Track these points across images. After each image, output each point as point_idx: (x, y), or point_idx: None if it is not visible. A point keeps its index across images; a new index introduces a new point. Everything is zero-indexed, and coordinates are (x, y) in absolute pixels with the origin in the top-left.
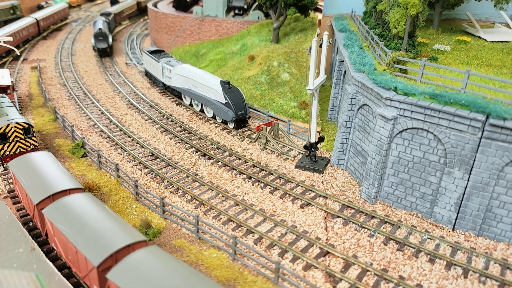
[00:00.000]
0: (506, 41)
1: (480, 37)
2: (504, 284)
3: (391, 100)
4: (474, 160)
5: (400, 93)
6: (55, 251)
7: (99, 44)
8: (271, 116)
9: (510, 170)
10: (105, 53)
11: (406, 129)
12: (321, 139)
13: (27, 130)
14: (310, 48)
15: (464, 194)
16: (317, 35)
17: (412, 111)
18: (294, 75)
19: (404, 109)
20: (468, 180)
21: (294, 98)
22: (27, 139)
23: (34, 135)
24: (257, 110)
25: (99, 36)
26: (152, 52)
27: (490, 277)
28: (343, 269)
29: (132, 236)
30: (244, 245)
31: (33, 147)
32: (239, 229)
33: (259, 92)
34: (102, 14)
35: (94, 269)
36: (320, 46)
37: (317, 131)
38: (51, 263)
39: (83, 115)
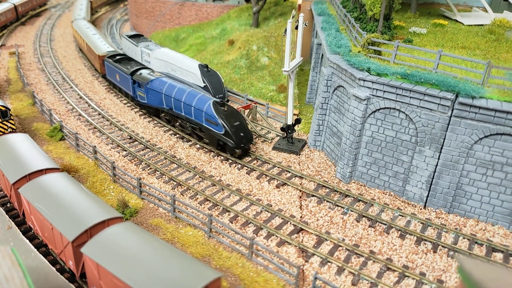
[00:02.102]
0: (482, 25)
1: (457, 21)
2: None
3: (364, 80)
4: (444, 138)
5: (373, 74)
6: (32, 230)
7: (240, 138)
8: (250, 100)
9: (479, 148)
10: (247, 149)
11: (379, 109)
12: (298, 121)
13: (4, 113)
14: (286, 30)
15: (435, 172)
16: (293, 17)
17: (384, 91)
18: (273, 59)
19: (376, 89)
20: (438, 159)
21: (273, 81)
22: (5, 122)
23: (12, 118)
24: (236, 94)
25: (238, 125)
26: (131, 37)
27: (458, 251)
28: (315, 245)
29: (107, 213)
30: (220, 222)
31: (11, 130)
32: (215, 208)
33: (238, 76)
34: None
35: (69, 244)
36: (296, 28)
37: (295, 114)
38: (27, 241)
39: (61, 99)
